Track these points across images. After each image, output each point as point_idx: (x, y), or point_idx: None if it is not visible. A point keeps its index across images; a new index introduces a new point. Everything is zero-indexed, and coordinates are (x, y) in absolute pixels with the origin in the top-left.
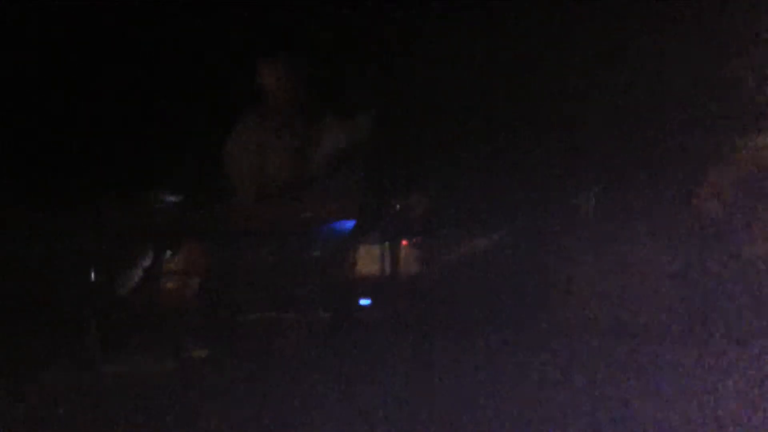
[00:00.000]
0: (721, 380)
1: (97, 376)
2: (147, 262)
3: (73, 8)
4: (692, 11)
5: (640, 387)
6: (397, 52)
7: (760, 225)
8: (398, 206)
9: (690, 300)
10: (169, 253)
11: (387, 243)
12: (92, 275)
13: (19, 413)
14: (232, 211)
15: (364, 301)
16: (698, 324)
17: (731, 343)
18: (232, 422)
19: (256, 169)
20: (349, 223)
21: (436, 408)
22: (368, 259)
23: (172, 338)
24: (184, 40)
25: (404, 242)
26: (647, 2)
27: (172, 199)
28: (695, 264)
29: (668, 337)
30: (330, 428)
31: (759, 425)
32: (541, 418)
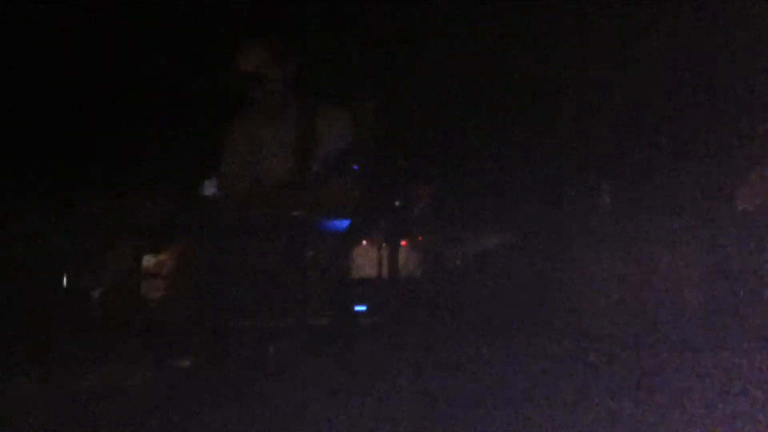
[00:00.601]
0: (744, 395)
1: (73, 387)
2: (128, 265)
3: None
4: None
5: (653, 396)
6: (398, 44)
7: None
8: (397, 204)
9: (707, 304)
10: (152, 254)
11: (385, 244)
12: (66, 278)
13: None
14: (220, 210)
15: (361, 307)
16: (714, 331)
17: (753, 354)
18: None
19: (248, 166)
20: (345, 223)
21: (437, 417)
22: (365, 262)
23: (155, 347)
24: (173, 35)
25: (404, 243)
26: None
27: (157, 197)
28: (714, 267)
29: (685, 344)
30: None
31: None
32: (546, 424)
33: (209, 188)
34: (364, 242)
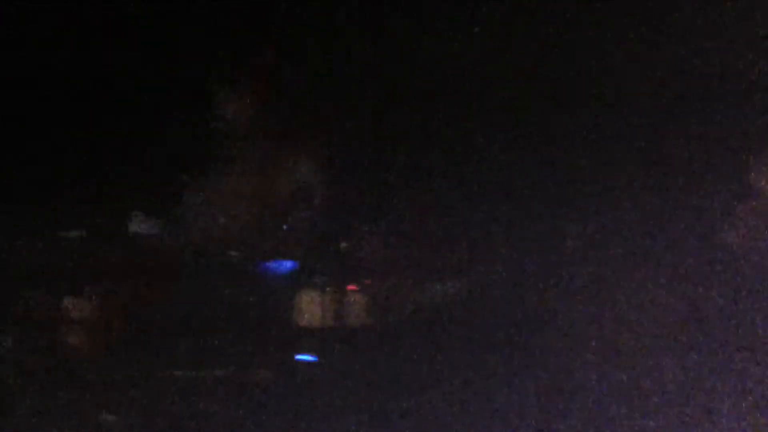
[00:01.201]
0: None
1: None
2: (45, 309)
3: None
4: None
5: None
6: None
7: None
8: (344, 245)
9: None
10: (72, 297)
11: (330, 288)
12: None
13: None
14: (153, 251)
15: (305, 356)
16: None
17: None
18: None
19: (189, 206)
20: (288, 264)
21: None
22: (310, 307)
23: (74, 400)
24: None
25: (351, 287)
26: None
27: (83, 233)
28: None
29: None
30: None
31: None
32: None
33: (141, 226)
34: (310, 286)
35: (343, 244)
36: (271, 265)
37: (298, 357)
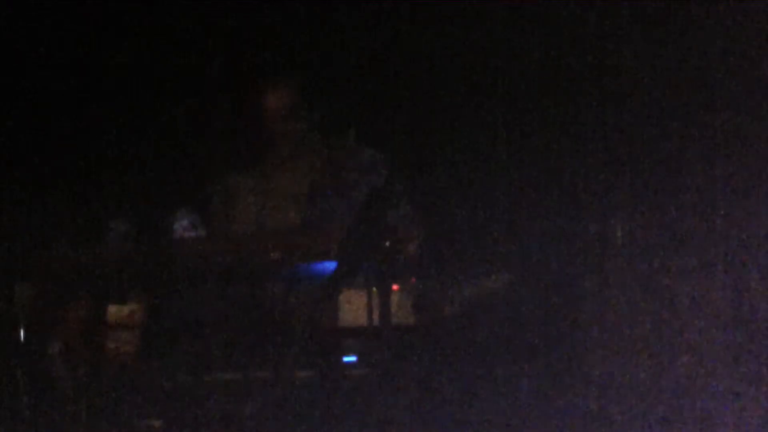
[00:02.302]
0: None
1: None
2: (87, 314)
3: None
4: None
5: None
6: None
7: None
8: (387, 244)
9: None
10: (118, 305)
11: (375, 288)
12: (22, 331)
13: None
14: (195, 256)
15: (349, 358)
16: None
17: None
18: None
19: (229, 209)
20: (330, 264)
21: None
22: (354, 308)
23: (120, 405)
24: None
25: (395, 287)
26: None
27: (116, 238)
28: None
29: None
30: None
31: None
32: None
33: (182, 230)
34: (352, 286)
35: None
36: (313, 265)
37: (344, 359)
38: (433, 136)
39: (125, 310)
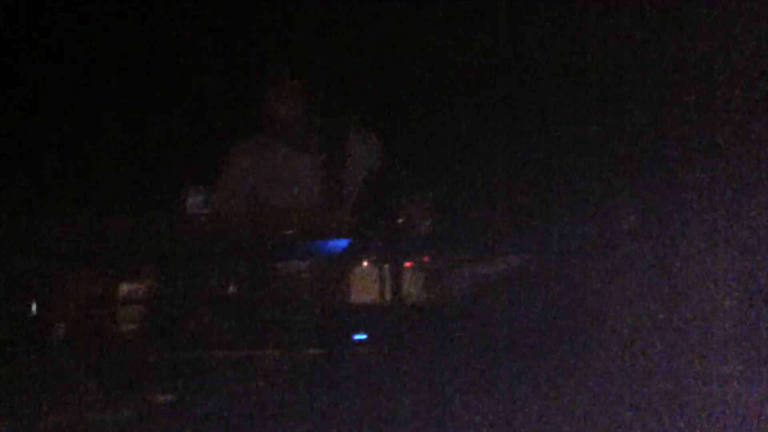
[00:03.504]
0: None
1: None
2: (97, 290)
3: None
4: None
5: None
6: (398, 52)
7: None
8: (400, 221)
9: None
10: (123, 278)
11: (386, 265)
12: (33, 307)
13: None
14: (205, 231)
15: (360, 336)
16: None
17: None
18: None
19: (239, 184)
20: (342, 242)
21: None
22: (365, 285)
23: (130, 381)
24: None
25: (407, 264)
26: None
27: (126, 213)
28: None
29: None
30: None
31: None
32: None
33: (193, 206)
34: (364, 264)
35: (399, 221)
36: (327, 242)
37: (355, 337)
38: (445, 115)
39: (136, 286)
